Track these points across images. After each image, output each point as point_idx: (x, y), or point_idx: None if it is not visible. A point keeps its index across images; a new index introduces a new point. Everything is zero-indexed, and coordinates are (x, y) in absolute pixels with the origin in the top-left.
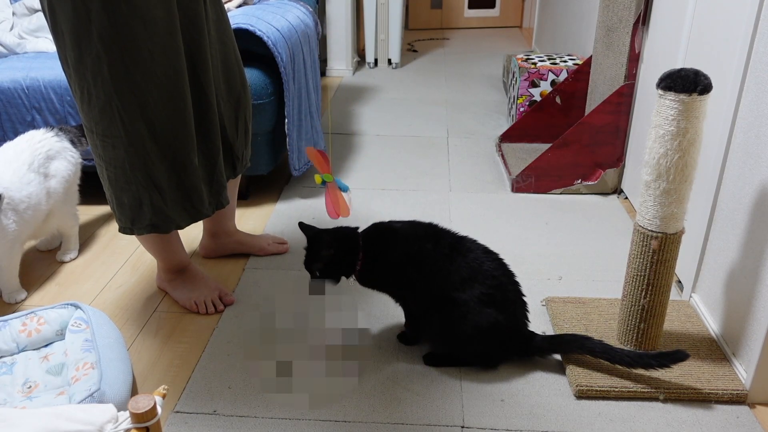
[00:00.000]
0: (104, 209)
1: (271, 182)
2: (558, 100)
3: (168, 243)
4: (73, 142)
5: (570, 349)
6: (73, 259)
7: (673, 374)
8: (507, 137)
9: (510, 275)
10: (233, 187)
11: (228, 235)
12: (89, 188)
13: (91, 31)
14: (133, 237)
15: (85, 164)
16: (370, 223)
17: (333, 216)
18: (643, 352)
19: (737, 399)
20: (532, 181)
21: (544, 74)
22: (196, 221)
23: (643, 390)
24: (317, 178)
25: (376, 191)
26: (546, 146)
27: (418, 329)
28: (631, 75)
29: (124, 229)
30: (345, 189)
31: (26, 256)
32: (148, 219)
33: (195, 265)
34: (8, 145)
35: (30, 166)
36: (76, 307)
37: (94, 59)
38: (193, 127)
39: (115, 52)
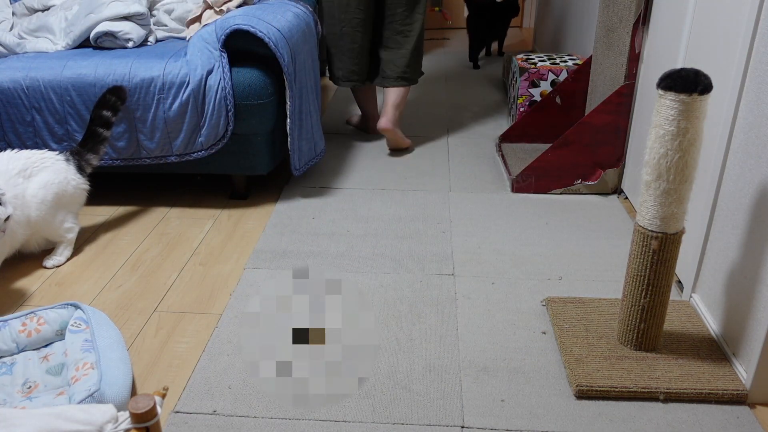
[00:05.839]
0: (104, 209)
1: (271, 182)
2: (558, 100)
3: None
4: (81, 168)
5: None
6: (57, 266)
7: (673, 374)
8: (507, 137)
9: None
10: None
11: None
12: (91, 188)
13: None
14: (133, 237)
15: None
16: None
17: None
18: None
19: (737, 399)
20: (532, 181)
21: (544, 74)
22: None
23: (643, 390)
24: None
25: (376, 191)
26: (546, 146)
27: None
28: (631, 75)
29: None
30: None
31: (26, 256)
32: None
33: None
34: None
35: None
36: (76, 307)
37: None
38: None
39: None
